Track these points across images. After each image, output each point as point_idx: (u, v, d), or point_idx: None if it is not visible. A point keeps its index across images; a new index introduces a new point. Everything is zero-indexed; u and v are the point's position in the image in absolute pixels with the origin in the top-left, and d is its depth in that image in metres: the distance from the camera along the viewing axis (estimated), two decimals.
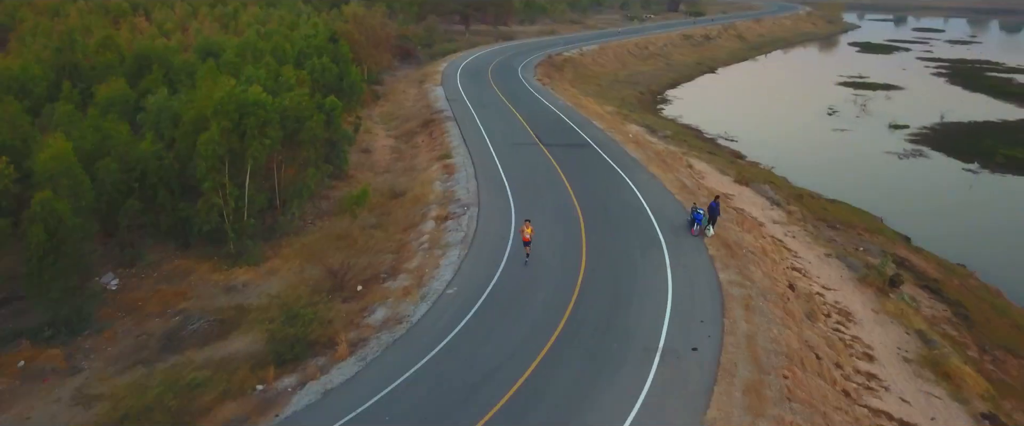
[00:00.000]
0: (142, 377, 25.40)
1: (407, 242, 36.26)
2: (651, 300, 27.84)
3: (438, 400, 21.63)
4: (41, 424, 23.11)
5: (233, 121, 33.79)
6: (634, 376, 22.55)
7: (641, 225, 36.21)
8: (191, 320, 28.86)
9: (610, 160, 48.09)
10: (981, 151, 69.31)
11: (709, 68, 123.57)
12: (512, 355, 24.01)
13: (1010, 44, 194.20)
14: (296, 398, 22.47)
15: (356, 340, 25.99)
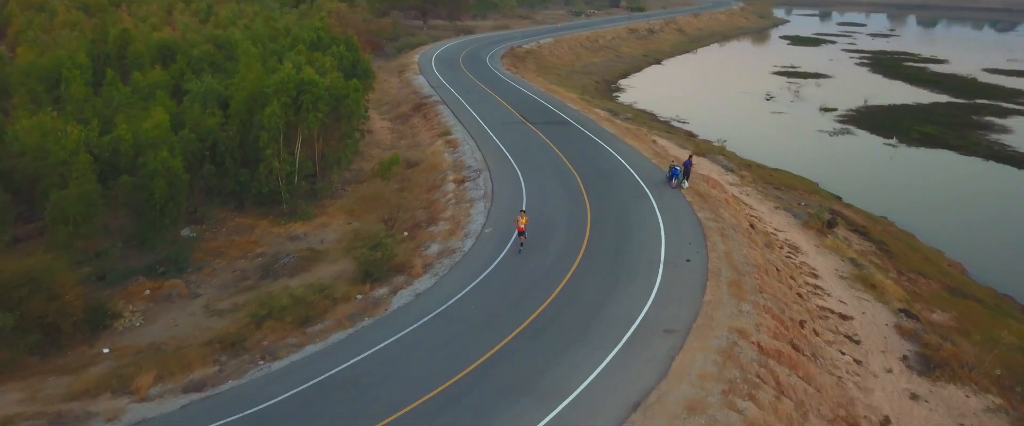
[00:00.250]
0: (254, 296, 32.00)
1: (435, 199, 43.28)
2: (648, 231, 35.64)
3: (502, 298, 28.88)
4: (189, 329, 29.57)
5: (291, 97, 40.28)
6: (647, 278, 30.28)
7: (628, 181, 44.03)
8: (281, 256, 35.46)
9: (590, 134, 55.86)
10: (899, 129, 79.29)
11: (655, 60, 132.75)
12: (550, 270, 31.44)
13: (925, 37, 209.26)
14: (394, 300, 29.49)
15: (424, 264, 33.05)
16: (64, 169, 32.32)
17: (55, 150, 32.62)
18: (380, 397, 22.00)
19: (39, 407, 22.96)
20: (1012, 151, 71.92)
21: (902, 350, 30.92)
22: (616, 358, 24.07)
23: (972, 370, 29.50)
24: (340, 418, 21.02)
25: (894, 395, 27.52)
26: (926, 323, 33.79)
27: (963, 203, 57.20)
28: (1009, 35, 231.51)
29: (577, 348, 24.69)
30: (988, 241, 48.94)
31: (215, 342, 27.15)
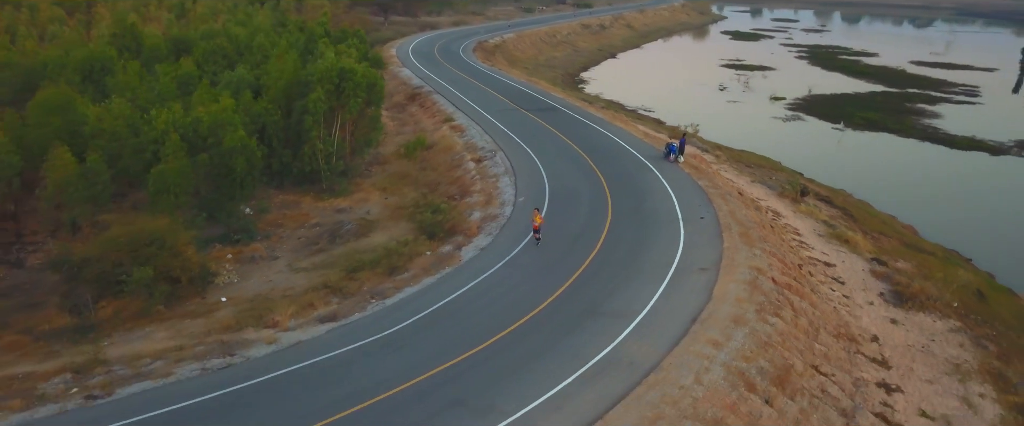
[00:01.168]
0: (329, 257, 36.64)
1: (459, 176, 48.26)
2: (660, 196, 41.45)
3: (554, 250, 34.15)
4: (282, 283, 34.05)
5: (334, 84, 44.74)
6: (672, 231, 36.04)
7: (629, 156, 49.83)
8: (344, 224, 40.06)
9: (582, 118, 61.56)
10: (843, 115, 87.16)
11: (610, 54, 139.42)
12: (586, 228, 36.86)
13: (852, 32, 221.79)
14: (462, 254, 34.53)
15: (477, 226, 38.14)
16: (156, 147, 36.27)
17: (146, 130, 36.54)
18: (482, 323, 27.08)
19: (187, 341, 27.35)
20: (943, 134, 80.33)
21: (878, 288, 37.41)
22: (667, 288, 29.70)
23: (936, 302, 36.10)
24: (456, 335, 26.01)
25: (878, 320, 33.90)
26: (893, 269, 40.43)
27: (907, 177, 64.80)
28: (927, 30, 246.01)
29: (632, 283, 30.23)
30: (933, 207, 56.27)
31: (320, 288, 31.81)
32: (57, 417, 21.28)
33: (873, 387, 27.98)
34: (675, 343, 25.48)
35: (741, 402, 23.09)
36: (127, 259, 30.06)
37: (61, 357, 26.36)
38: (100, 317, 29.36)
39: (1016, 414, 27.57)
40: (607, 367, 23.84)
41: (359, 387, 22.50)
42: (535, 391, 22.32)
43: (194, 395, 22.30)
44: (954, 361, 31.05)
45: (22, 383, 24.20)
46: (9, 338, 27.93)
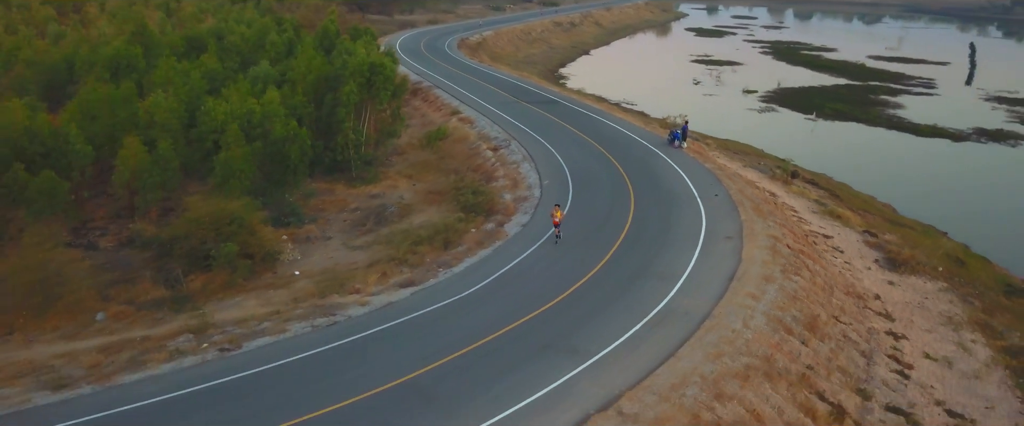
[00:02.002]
0: (378, 237, 39.82)
1: (479, 163, 51.65)
2: (674, 177, 45.41)
3: (589, 225, 37.74)
4: (343, 259, 37.16)
5: (365, 78, 47.79)
6: (693, 207, 39.98)
7: (636, 143, 53.77)
8: (387, 206, 43.20)
9: (582, 110, 65.39)
10: (814, 106, 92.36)
11: (583, 51, 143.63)
12: (613, 206, 40.61)
13: (808, 28, 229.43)
14: (507, 229, 38.00)
15: (513, 206, 41.62)
16: (216, 137, 39.05)
17: (205, 121, 39.29)
18: (546, 284, 30.61)
19: (280, 307, 30.40)
20: (908, 122, 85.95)
21: (873, 256, 41.87)
22: (701, 254, 33.61)
23: (924, 267, 40.67)
24: (526, 295, 29.46)
25: (877, 282, 38.28)
26: (883, 240, 44.99)
27: (879, 162, 69.87)
28: (877, 27, 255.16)
29: (669, 250, 34.08)
30: (906, 188, 61.19)
31: (385, 261, 35.03)
32: (200, 366, 24.28)
33: (883, 335, 32.21)
34: (719, 297, 29.34)
35: (783, 343, 27.06)
36: (211, 237, 32.93)
37: (170, 323, 29.22)
38: (190, 289, 32.20)
39: (1005, 355, 32.02)
40: (667, 317, 27.59)
41: (456, 337, 25.86)
42: (610, 336, 25.95)
43: (313, 347, 25.44)
44: (947, 315, 35.48)
45: (143, 344, 27.05)
46: (115, 309, 30.65)
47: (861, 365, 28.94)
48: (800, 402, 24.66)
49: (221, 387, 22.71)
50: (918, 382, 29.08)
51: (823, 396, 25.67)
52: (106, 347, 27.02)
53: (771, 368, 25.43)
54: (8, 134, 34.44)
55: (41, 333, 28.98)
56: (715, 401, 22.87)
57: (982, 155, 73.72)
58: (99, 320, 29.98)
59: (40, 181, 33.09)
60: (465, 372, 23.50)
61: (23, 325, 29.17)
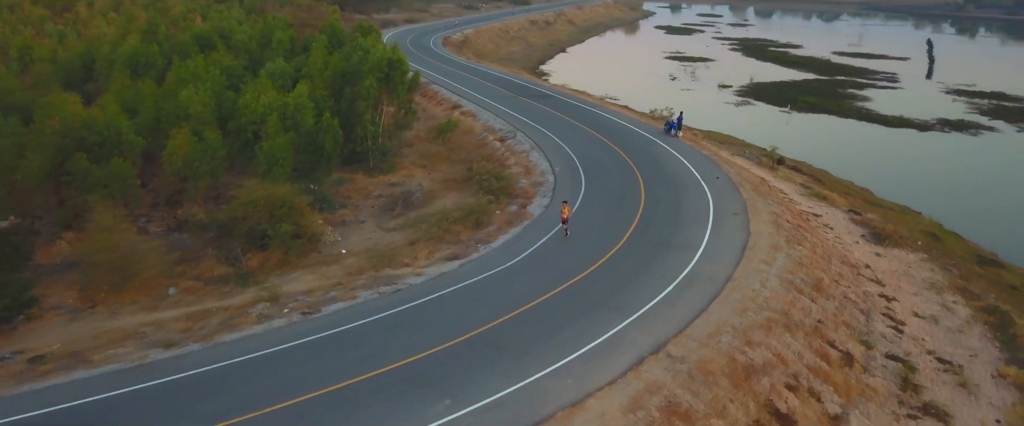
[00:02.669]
0: (408, 220, 42.81)
1: (489, 153, 54.75)
2: (676, 163, 49.03)
3: (604, 206, 41.16)
4: (380, 239, 40.08)
5: (384, 73, 50.66)
6: (699, 190, 43.62)
7: (634, 133, 57.36)
8: (413, 192, 46.13)
9: (577, 103, 68.85)
10: (787, 99, 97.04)
11: (560, 48, 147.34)
12: (625, 188, 44.06)
13: (771, 26, 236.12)
14: (530, 209, 41.26)
15: (532, 190, 44.87)
16: (256, 127, 41.71)
17: (245, 113, 41.93)
18: (579, 255, 33.90)
19: (340, 279, 33.31)
20: (876, 114, 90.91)
21: (859, 232, 45.91)
22: (713, 229, 37.22)
23: (905, 240, 44.79)
24: (564, 265, 32.70)
25: (866, 254, 42.26)
26: (867, 218, 49.12)
27: (853, 150, 74.39)
28: (836, 24, 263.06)
29: (684, 225, 37.64)
30: (880, 173, 65.65)
31: (425, 239, 38.06)
32: (288, 327, 27.19)
33: (877, 297, 36.14)
34: (736, 264, 32.96)
35: (796, 301, 30.76)
36: (266, 218, 35.69)
37: (240, 295, 31.99)
38: (249, 266, 34.93)
39: (983, 313, 36.06)
40: (693, 280, 31.11)
41: (510, 299, 29.03)
42: (647, 296, 29.37)
43: (385, 310, 28.47)
44: (929, 281, 39.55)
45: (226, 312, 29.86)
46: (185, 284, 33.30)
47: (861, 321, 32.78)
48: (816, 349, 28.37)
49: (313, 343, 25.67)
50: (911, 335, 32.99)
51: (834, 345, 29.42)
52: (189, 316, 29.77)
53: (789, 321, 29.09)
54: (69, 126, 36.74)
55: (121, 306, 31.54)
56: (746, 346, 26.43)
57: (946, 143, 78.71)
58: (172, 294, 32.61)
59: (111, 168, 35.51)
60: (526, 327, 26.71)
61: (104, 299, 31.69)
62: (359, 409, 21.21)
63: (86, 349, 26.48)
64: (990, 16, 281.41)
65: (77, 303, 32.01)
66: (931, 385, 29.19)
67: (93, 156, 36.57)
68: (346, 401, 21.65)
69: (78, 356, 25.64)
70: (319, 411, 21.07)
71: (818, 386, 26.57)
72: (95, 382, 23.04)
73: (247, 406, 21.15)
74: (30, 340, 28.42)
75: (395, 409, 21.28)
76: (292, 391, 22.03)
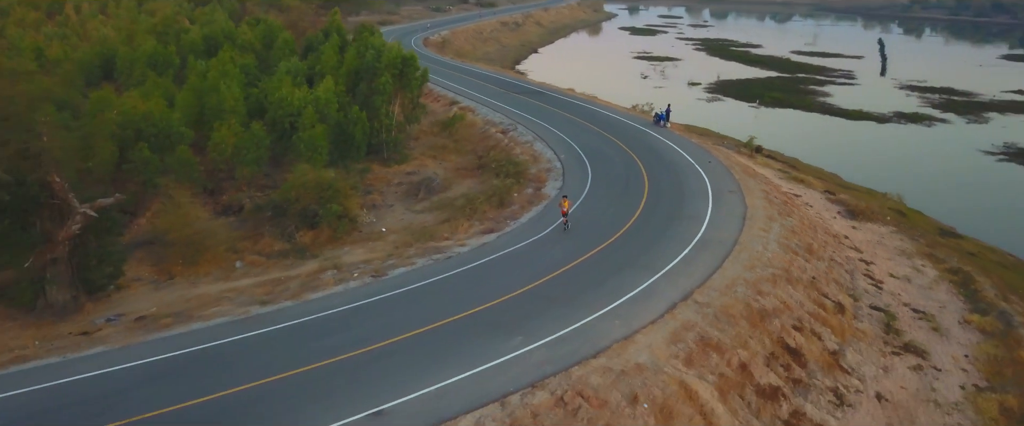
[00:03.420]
0: (433, 203, 46.87)
1: (494, 144, 58.94)
2: (670, 150, 53.80)
3: (614, 187, 45.68)
4: (412, 220, 44.07)
5: (398, 69, 54.58)
6: (696, 174, 48.40)
7: (626, 124, 62.07)
8: (432, 179, 50.11)
9: (567, 98, 73.41)
10: (754, 95, 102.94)
11: (532, 49, 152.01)
12: (628, 172, 48.63)
13: (730, 26, 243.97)
14: (545, 191, 45.58)
15: (542, 175, 49.22)
16: (293, 119, 45.39)
17: (283, 106, 45.58)
18: (601, 226, 38.26)
19: (391, 251, 37.29)
20: (838, 108, 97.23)
21: (836, 209, 51.21)
22: (714, 203, 41.99)
23: (876, 216, 50.18)
24: (590, 235, 36.97)
25: (844, 227, 47.50)
26: (840, 198, 54.49)
27: (819, 139, 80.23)
28: (789, 24, 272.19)
29: (689, 200, 42.34)
30: (846, 160, 71.39)
31: (455, 218, 42.16)
32: (363, 287, 31.14)
33: (857, 261, 41.27)
34: (740, 231, 37.73)
35: (793, 260, 35.62)
36: (315, 200, 39.50)
37: (303, 266, 35.80)
38: (303, 242, 38.73)
39: (948, 274, 41.40)
40: (705, 244, 35.77)
41: (550, 263, 33.25)
42: (668, 257, 33.88)
43: (442, 272, 32.54)
44: (900, 249, 44.88)
45: (298, 278, 33.69)
46: (249, 258, 36.98)
47: (847, 279, 37.83)
48: (813, 299, 33.26)
49: (391, 298, 29.68)
50: (889, 291, 38.13)
51: (827, 296, 34.36)
52: (263, 283, 33.55)
53: (789, 276, 33.93)
54: (130, 119, 40.06)
55: (197, 277, 35.15)
56: (758, 295, 31.15)
57: (903, 134, 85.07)
58: (239, 267, 36.29)
59: (177, 155, 38.95)
60: (570, 283, 31.02)
61: (180, 271, 35.25)
62: (454, 343, 25.35)
63: (186, 309, 30.14)
64: (934, 17, 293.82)
65: (154, 275, 35.50)
66: (909, 329, 34.27)
67: (152, 146, 39.90)
68: (441, 337, 25.77)
69: (182, 315, 29.29)
70: (423, 344, 25.17)
71: (818, 328, 31.42)
72: (214, 331, 26.80)
73: (359, 343, 25.16)
74: (124, 305, 31.94)
75: (482, 343, 25.46)
76: (392, 331, 26.07)
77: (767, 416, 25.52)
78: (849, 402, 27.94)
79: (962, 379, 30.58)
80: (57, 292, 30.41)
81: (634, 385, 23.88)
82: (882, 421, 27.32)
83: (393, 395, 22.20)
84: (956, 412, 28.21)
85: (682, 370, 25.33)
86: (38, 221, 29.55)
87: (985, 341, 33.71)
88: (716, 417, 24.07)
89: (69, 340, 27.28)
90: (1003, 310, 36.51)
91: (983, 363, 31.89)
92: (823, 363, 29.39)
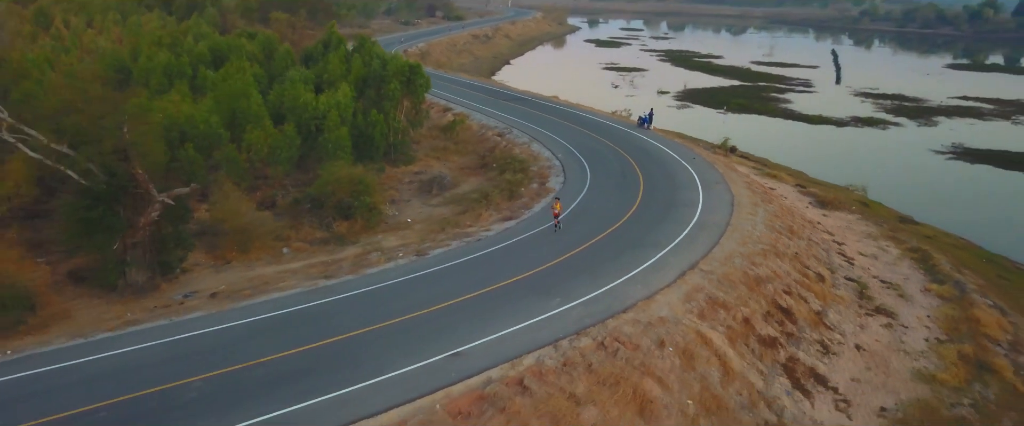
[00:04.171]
0: (446, 198, 51.29)
1: (492, 146, 63.52)
2: (657, 149, 58.95)
3: (612, 182, 50.54)
4: (430, 212, 48.37)
5: (406, 77, 58.94)
6: (682, 167, 53.56)
7: (612, 127, 67.16)
8: (443, 176, 54.47)
9: (553, 104, 78.32)
10: (720, 102, 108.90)
11: (504, 60, 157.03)
12: (623, 167, 53.57)
13: (689, 38, 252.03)
14: (550, 185, 50.30)
15: (544, 172, 53.93)
16: (319, 122, 49.46)
17: (309, 110, 49.64)
18: (607, 213, 42.98)
19: (422, 237, 41.59)
20: (799, 114, 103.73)
21: (807, 200, 56.78)
22: (704, 192, 47.10)
23: (843, 205, 55.85)
24: (597, 221, 41.66)
25: (816, 215, 53.01)
26: (810, 191, 60.14)
27: (784, 141, 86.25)
28: (745, 36, 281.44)
29: (681, 191, 47.38)
30: (809, 159, 77.36)
31: (474, 208, 46.61)
32: (411, 264, 35.42)
33: (831, 242, 46.67)
34: (730, 215, 42.82)
35: (778, 238, 40.80)
36: (348, 193, 43.66)
37: (346, 250, 39.93)
38: (339, 231, 42.82)
39: (909, 252, 47.00)
40: (702, 226, 40.76)
41: (569, 243, 37.84)
42: (671, 236, 38.76)
43: (476, 252, 36.95)
44: (866, 232, 50.47)
45: (346, 261, 37.82)
46: (295, 245, 40.97)
47: (824, 255, 43.13)
48: (798, 270, 38.40)
49: (439, 271, 34.02)
50: (859, 266, 43.52)
51: (809, 268, 39.54)
52: (314, 265, 37.60)
53: (777, 251, 39.07)
54: (176, 121, 43.79)
55: (250, 262, 39.02)
56: (752, 266, 36.17)
57: (860, 136, 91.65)
58: (286, 253, 40.25)
59: (226, 154, 42.81)
60: (591, 257, 35.67)
61: (234, 257, 39.11)
62: (503, 303, 29.83)
63: (253, 286, 34.11)
64: (883, 28, 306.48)
65: (211, 261, 39.27)
66: (879, 296, 39.61)
67: (196, 147, 43.70)
68: (490, 300, 30.23)
69: (256, 289, 33.28)
70: (477, 305, 29.58)
71: (804, 293, 36.55)
72: (293, 298, 30.90)
73: (422, 306, 29.48)
74: (193, 285, 35.73)
75: (527, 302, 29.97)
76: (447, 296, 30.43)
77: (768, 360, 30.42)
78: (833, 351, 33.01)
79: (926, 334, 35.86)
80: (136, 273, 34.08)
81: (660, 333, 28.59)
82: (862, 365, 32.43)
83: (464, 341, 26.63)
84: (922, 358, 33.43)
85: (697, 322, 30.13)
86: (122, 209, 33.25)
87: (943, 305, 39.12)
88: (728, 359, 28.87)
89: (162, 311, 31.11)
90: (958, 280, 42.05)
91: (942, 322, 37.23)
92: (810, 320, 34.46)
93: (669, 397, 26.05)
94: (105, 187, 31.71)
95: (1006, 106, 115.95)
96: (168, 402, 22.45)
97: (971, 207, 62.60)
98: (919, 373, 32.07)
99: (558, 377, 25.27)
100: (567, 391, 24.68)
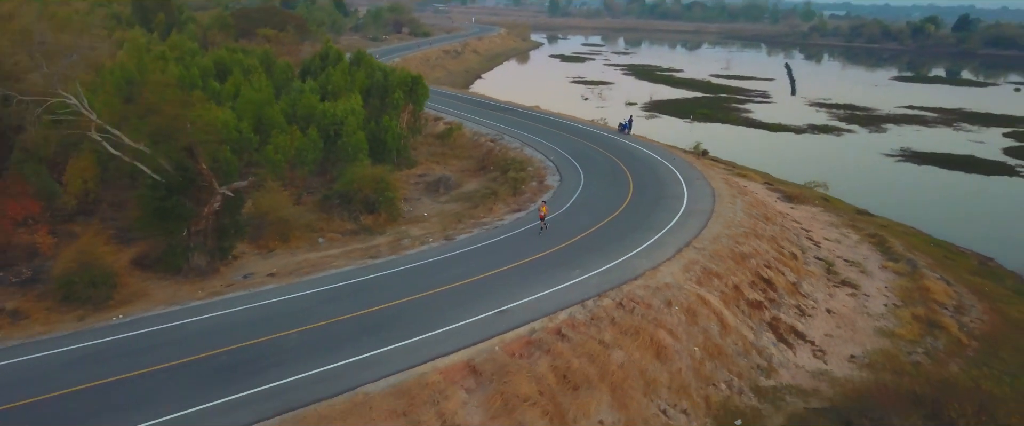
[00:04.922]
0: (454, 196, 56.32)
1: (488, 151, 68.67)
2: (640, 152, 64.73)
3: (605, 181, 56.00)
4: (442, 208, 53.35)
5: (408, 87, 63.92)
6: (667, 167, 59.35)
7: (595, 133, 72.86)
8: (447, 177, 59.40)
9: (535, 113, 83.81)
10: (686, 112, 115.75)
11: (476, 75, 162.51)
12: (612, 167, 59.19)
13: (648, 53, 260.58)
14: (549, 183, 55.64)
15: (541, 172, 59.26)
16: (337, 126, 54.18)
17: (328, 116, 54.34)
18: (605, 205, 48.41)
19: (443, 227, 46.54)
20: (759, 122, 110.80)
21: (775, 196, 63.01)
22: (688, 187, 52.87)
23: (808, 200, 62.18)
24: (597, 211, 47.02)
25: (784, 207, 59.20)
26: (777, 188, 66.45)
27: (747, 145, 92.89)
28: (700, 51, 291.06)
29: (668, 186, 53.07)
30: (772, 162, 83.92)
31: (482, 203, 51.68)
32: (442, 246, 40.37)
33: (800, 229, 52.74)
34: (713, 205, 48.60)
35: (756, 223, 46.66)
36: (371, 189, 48.44)
37: (377, 238, 44.68)
38: (367, 224, 47.54)
39: (867, 237, 53.26)
40: (690, 213, 46.42)
41: (575, 228, 43.13)
42: (665, 221, 44.33)
43: (496, 236, 42.02)
44: (829, 222, 56.71)
45: (381, 246, 42.60)
46: (329, 235, 45.58)
47: (795, 239, 49.11)
48: (775, 249, 44.22)
49: (469, 252, 39.02)
50: (825, 248, 49.57)
51: (784, 248, 45.41)
52: (351, 251, 42.27)
53: (756, 233, 44.87)
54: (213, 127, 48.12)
55: (291, 250, 43.53)
56: (737, 245, 41.87)
57: (817, 142, 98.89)
58: (321, 243, 44.83)
59: (267, 154, 47.32)
60: (599, 239, 41.02)
61: (276, 245, 43.59)
62: (532, 274, 34.95)
63: (305, 268, 38.71)
64: (832, 43, 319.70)
65: (255, 250, 43.66)
66: (844, 271, 45.58)
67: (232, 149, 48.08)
68: (520, 272, 35.34)
69: (310, 269, 37.89)
70: (510, 276, 34.66)
71: (781, 268, 42.31)
72: (348, 274, 35.65)
73: (463, 277, 34.48)
74: (248, 268, 40.10)
75: (551, 273, 35.15)
76: (483, 269, 35.46)
77: (756, 319, 36.02)
78: (809, 314, 38.74)
79: (885, 301, 41.82)
80: (199, 257, 38.42)
81: (667, 295, 33.99)
82: (833, 325, 38.20)
83: (507, 302, 31.72)
84: (883, 319, 39.32)
85: (697, 287, 35.61)
86: (188, 200, 37.68)
87: (899, 278, 45.21)
88: (724, 316, 34.38)
89: (231, 287, 35.57)
90: (910, 258, 48.27)
91: (898, 291, 43.26)
92: (788, 289, 40.19)
93: (679, 345, 31.40)
94: (179, 180, 36.11)
95: (948, 114, 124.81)
96: (276, 347, 27.14)
97: (919, 202, 69.49)
98: (881, 330, 37.91)
99: (588, 328, 30.44)
100: (597, 338, 29.86)
